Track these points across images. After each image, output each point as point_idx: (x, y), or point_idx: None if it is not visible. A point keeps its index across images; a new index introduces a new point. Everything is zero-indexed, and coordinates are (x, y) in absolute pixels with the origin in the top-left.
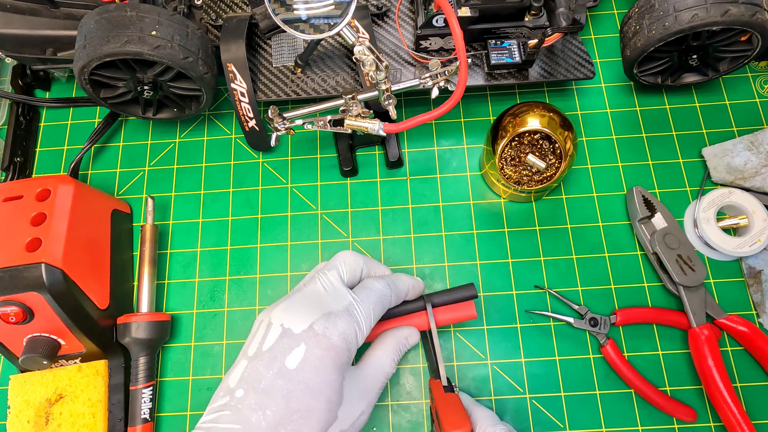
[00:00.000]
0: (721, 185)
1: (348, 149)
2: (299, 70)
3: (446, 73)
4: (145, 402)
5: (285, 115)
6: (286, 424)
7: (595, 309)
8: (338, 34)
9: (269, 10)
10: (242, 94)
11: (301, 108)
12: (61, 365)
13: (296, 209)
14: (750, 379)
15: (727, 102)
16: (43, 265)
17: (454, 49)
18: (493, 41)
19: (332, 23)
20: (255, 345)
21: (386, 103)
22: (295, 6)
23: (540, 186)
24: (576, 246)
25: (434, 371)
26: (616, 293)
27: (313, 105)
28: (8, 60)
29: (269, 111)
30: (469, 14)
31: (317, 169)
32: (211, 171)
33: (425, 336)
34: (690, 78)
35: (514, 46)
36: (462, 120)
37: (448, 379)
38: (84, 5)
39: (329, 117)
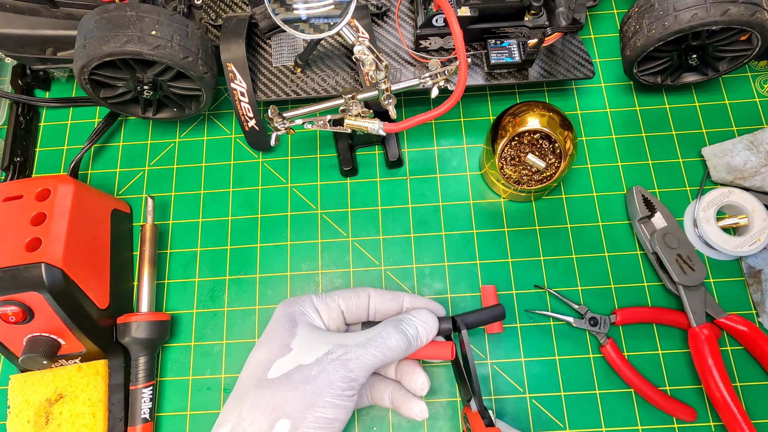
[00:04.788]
0: (721, 185)
1: (348, 149)
2: (299, 69)
3: (446, 72)
4: (145, 402)
5: (285, 114)
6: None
7: (595, 309)
8: (338, 33)
9: (269, 10)
10: (242, 94)
11: (300, 108)
12: (61, 365)
13: (296, 209)
14: (750, 379)
15: (727, 102)
16: (43, 265)
17: (453, 49)
18: (493, 41)
19: (332, 23)
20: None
21: (386, 102)
22: (294, 6)
23: (540, 186)
24: (576, 246)
25: (469, 399)
26: (616, 293)
27: (313, 105)
28: (8, 60)
29: (269, 111)
30: (468, 14)
31: (317, 169)
32: (211, 171)
33: (456, 361)
34: (690, 78)
35: (514, 46)
36: (462, 120)
37: (486, 408)
38: (84, 5)
39: (329, 117)
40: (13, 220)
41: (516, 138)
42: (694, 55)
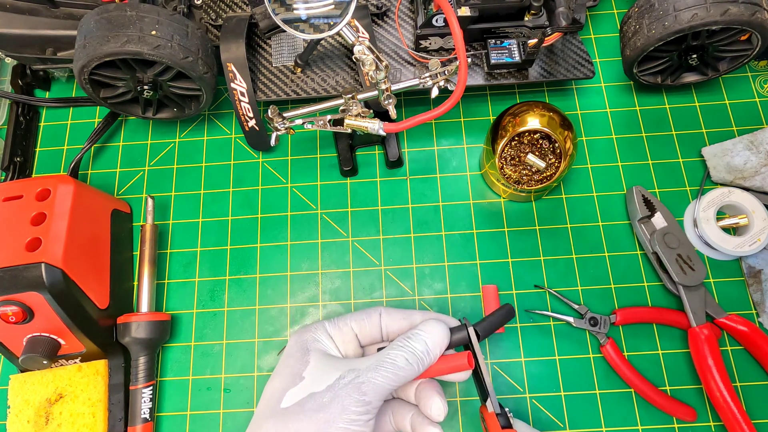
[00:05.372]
0: (721, 185)
1: (348, 149)
2: (299, 69)
3: (446, 72)
4: (145, 402)
5: (285, 114)
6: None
7: (595, 308)
8: (338, 33)
9: (269, 10)
10: (242, 94)
11: (301, 108)
12: (61, 365)
13: (296, 209)
14: (750, 379)
15: (727, 101)
16: (43, 265)
17: (453, 49)
18: (493, 41)
19: (332, 23)
20: None
21: (386, 102)
22: (295, 6)
23: (540, 185)
24: (576, 246)
25: (485, 398)
26: (616, 293)
27: (313, 105)
28: (8, 60)
29: (269, 111)
30: (468, 14)
31: (317, 169)
32: (211, 171)
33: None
34: (690, 77)
35: (514, 46)
36: (462, 120)
37: (502, 407)
38: (84, 5)
39: (329, 117)
40: (13, 220)
41: (516, 138)
42: (694, 55)
